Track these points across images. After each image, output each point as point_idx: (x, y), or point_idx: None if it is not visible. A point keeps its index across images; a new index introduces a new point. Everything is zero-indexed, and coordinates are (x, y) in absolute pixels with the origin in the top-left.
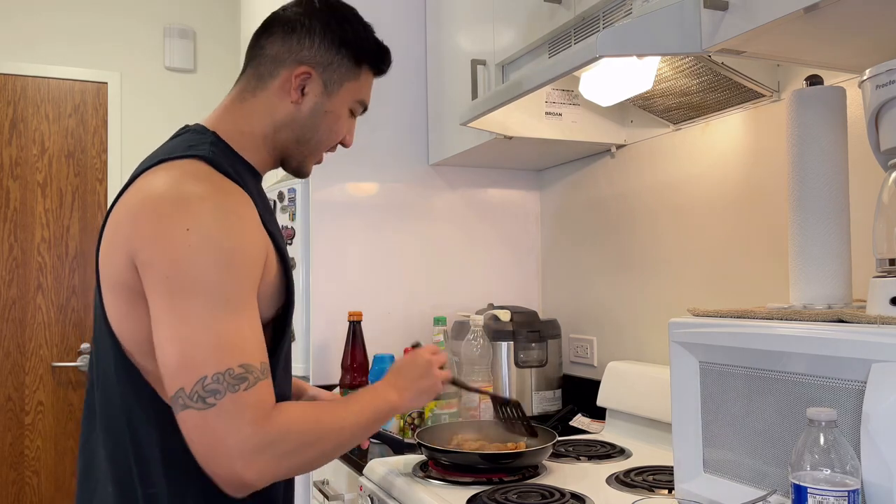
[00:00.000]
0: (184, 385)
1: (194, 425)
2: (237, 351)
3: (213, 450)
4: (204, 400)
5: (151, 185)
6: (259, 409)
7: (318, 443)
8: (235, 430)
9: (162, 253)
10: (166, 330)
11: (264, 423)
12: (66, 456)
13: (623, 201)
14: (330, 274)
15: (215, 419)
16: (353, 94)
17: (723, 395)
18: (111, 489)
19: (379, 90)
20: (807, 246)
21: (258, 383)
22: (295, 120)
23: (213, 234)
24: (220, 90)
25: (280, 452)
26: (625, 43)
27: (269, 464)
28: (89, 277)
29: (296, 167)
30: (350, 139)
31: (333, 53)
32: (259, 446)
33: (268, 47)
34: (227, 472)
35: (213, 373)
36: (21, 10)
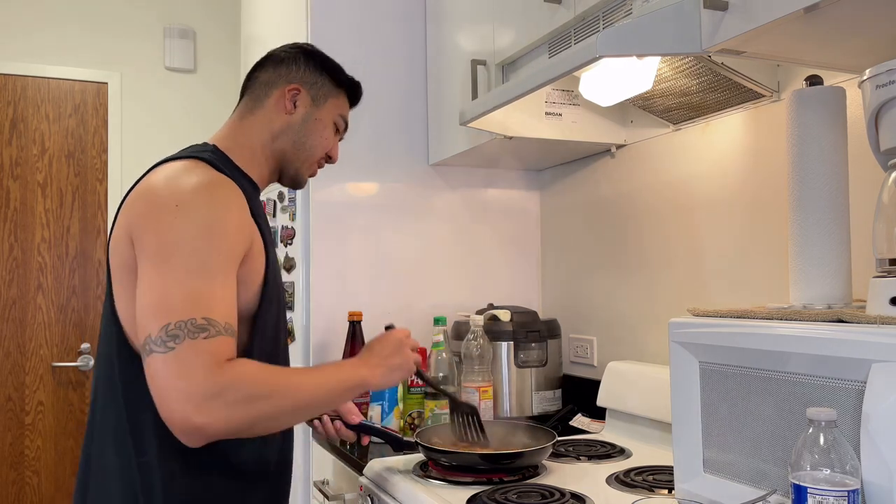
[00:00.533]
0: (151, 332)
1: (155, 369)
2: (203, 306)
3: (167, 392)
4: (165, 344)
5: (151, 179)
6: (214, 356)
7: (272, 397)
8: (188, 374)
9: (151, 226)
10: (146, 287)
11: (217, 369)
12: (67, 456)
13: (623, 201)
14: (330, 274)
15: (172, 362)
16: (337, 109)
17: (723, 395)
18: (112, 458)
19: (379, 90)
20: (807, 246)
21: (219, 336)
22: (290, 127)
23: (199, 208)
24: (220, 90)
25: (230, 400)
26: (625, 43)
27: (219, 410)
28: (89, 277)
29: (293, 175)
30: (336, 154)
31: (317, 75)
32: (210, 392)
33: (261, 76)
34: (178, 416)
35: (177, 320)
36: (21, 10)
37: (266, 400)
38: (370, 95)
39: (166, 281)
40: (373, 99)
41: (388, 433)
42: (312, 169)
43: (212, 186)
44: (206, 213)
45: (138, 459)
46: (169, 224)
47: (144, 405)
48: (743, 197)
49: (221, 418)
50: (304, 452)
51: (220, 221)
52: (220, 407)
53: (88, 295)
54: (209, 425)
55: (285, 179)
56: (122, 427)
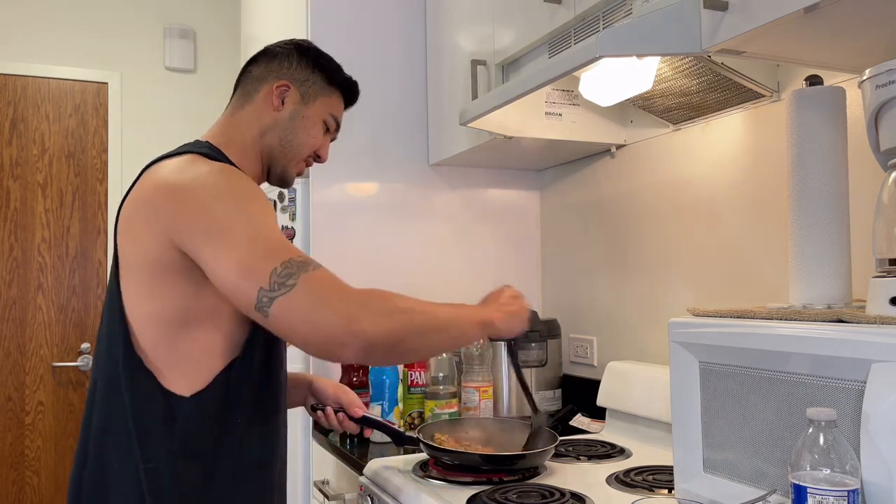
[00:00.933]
0: (261, 285)
1: (287, 309)
2: (290, 249)
3: (313, 318)
4: (284, 284)
5: (160, 174)
6: (336, 280)
7: (413, 312)
8: (323, 298)
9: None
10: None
11: (348, 289)
12: (67, 456)
13: (623, 201)
14: None
15: (302, 294)
16: (327, 108)
17: (723, 395)
18: (116, 465)
19: (379, 90)
20: (807, 246)
21: (322, 267)
22: (278, 123)
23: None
24: (220, 90)
25: (375, 309)
26: (625, 43)
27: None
28: (89, 277)
29: (280, 172)
30: (325, 154)
31: (308, 73)
32: (351, 305)
33: (253, 71)
34: (335, 330)
35: (280, 263)
36: (21, 10)
37: (408, 314)
38: (370, 95)
39: (241, 246)
40: (373, 99)
41: (389, 427)
42: (300, 167)
43: (225, 168)
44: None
45: (146, 466)
46: (213, 208)
47: (151, 412)
48: (743, 197)
49: (373, 325)
50: (305, 452)
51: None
52: (367, 315)
53: (88, 295)
54: (364, 331)
55: (273, 178)
56: (128, 433)
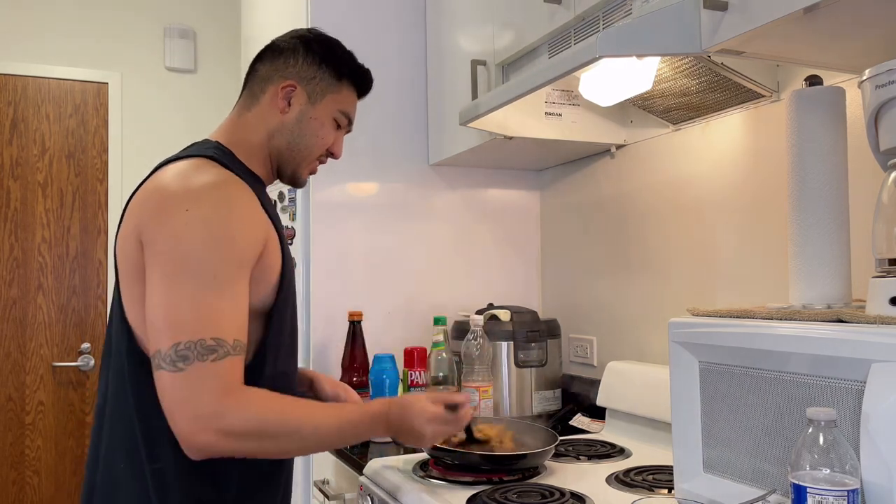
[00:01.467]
0: (161, 347)
1: (164, 385)
2: (213, 325)
3: (176, 410)
4: (175, 364)
5: (159, 178)
6: (222, 380)
7: (278, 437)
8: (196, 396)
9: (162, 231)
10: (155, 297)
11: (224, 396)
12: (67, 456)
13: (623, 201)
14: (330, 274)
15: (182, 382)
16: (336, 105)
17: (723, 395)
18: (122, 465)
19: (380, 90)
20: (806, 246)
21: (227, 357)
22: (284, 126)
23: (210, 215)
24: (220, 90)
25: (236, 429)
26: (625, 43)
27: (222, 436)
28: (89, 277)
29: (290, 174)
30: (338, 150)
31: (315, 69)
32: (215, 416)
33: (260, 70)
34: (183, 433)
35: (187, 340)
36: (22, 10)
37: (272, 439)
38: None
39: (176, 295)
40: (373, 99)
41: None
42: (311, 167)
43: (222, 186)
44: (217, 219)
45: (152, 466)
46: (179, 231)
47: (157, 411)
48: (743, 197)
49: (222, 442)
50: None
51: (230, 227)
52: (224, 433)
53: (89, 295)
54: (212, 445)
55: (284, 178)
56: (134, 433)
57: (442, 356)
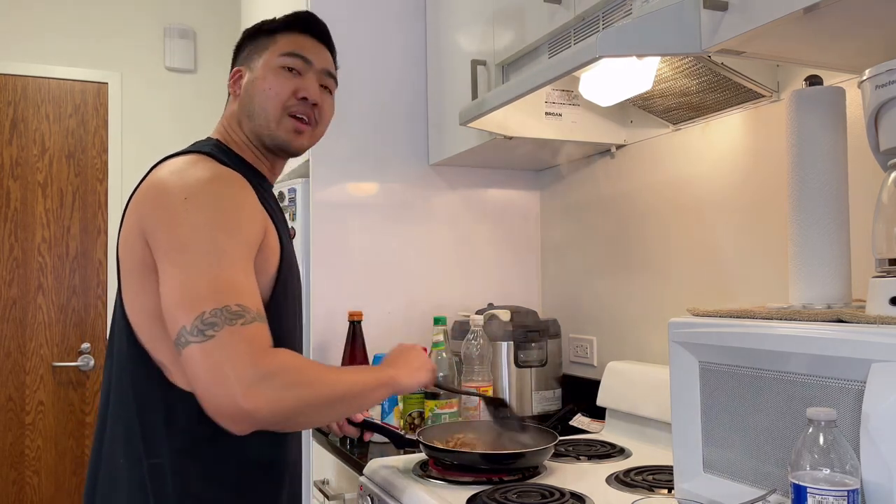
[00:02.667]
0: (185, 323)
1: (196, 359)
2: (233, 292)
3: (214, 380)
4: (203, 333)
5: (157, 174)
6: (256, 343)
7: (314, 386)
8: (233, 361)
9: (163, 221)
10: (169, 281)
11: (262, 356)
12: (67, 455)
13: (623, 201)
14: (330, 274)
15: (214, 350)
16: (275, 54)
17: (723, 395)
18: (122, 461)
19: (380, 90)
20: (806, 246)
21: (254, 322)
22: (241, 104)
23: (209, 200)
24: (220, 90)
25: (276, 385)
26: (625, 43)
27: (266, 395)
28: (89, 277)
29: (272, 142)
30: (306, 92)
31: (251, 47)
32: (256, 376)
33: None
34: (227, 402)
35: (211, 308)
36: (21, 10)
37: (309, 388)
38: (370, 95)
39: (188, 273)
40: (373, 99)
41: (390, 430)
42: (285, 124)
43: (219, 178)
44: (217, 205)
45: (149, 461)
46: (180, 218)
47: (155, 406)
48: (743, 197)
49: (269, 403)
50: (305, 452)
51: (231, 211)
52: (267, 392)
53: (89, 295)
54: (257, 410)
55: (275, 150)
56: (133, 428)
57: (442, 356)
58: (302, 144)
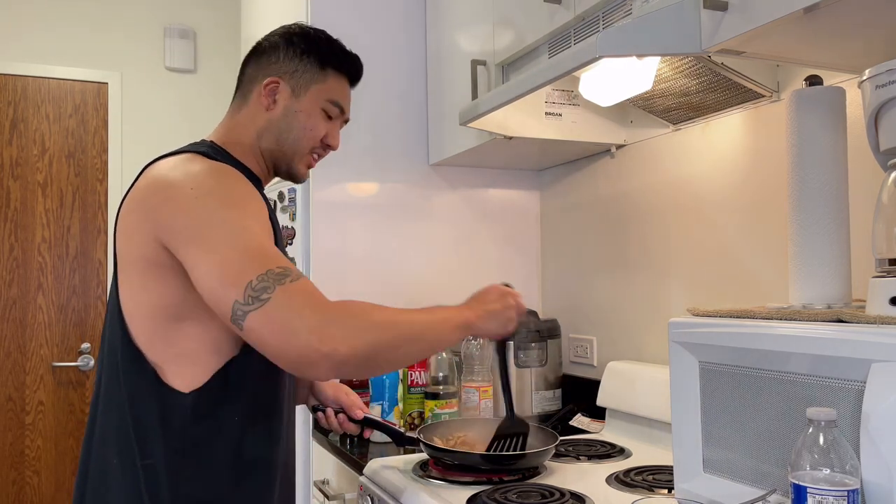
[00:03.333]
0: (236, 297)
1: (261, 325)
2: (269, 257)
3: (285, 337)
4: (258, 298)
5: (156, 171)
6: (313, 295)
7: (387, 324)
8: (298, 313)
9: (177, 211)
10: (202, 265)
11: (324, 302)
12: (67, 456)
13: (623, 201)
14: (330, 274)
15: (276, 308)
16: (323, 95)
17: (722, 395)
18: (115, 461)
19: (380, 90)
20: (806, 246)
21: (301, 279)
22: (271, 123)
23: (214, 188)
24: (220, 90)
25: (349, 325)
26: (625, 43)
27: (341, 335)
28: (89, 277)
29: (286, 170)
30: (334, 141)
31: (297, 62)
32: (325, 320)
33: (247, 71)
34: (305, 352)
35: (257, 275)
36: (21, 11)
37: (382, 327)
38: (370, 95)
39: (220, 251)
40: (373, 99)
41: (390, 427)
42: (306, 161)
43: (218, 170)
44: (224, 190)
45: (142, 461)
46: (194, 205)
47: (149, 407)
48: (743, 197)
49: (345, 341)
50: (305, 452)
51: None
52: (341, 332)
53: (89, 295)
54: (336, 351)
55: (281, 175)
56: (125, 427)
57: (442, 356)
58: (306, 178)
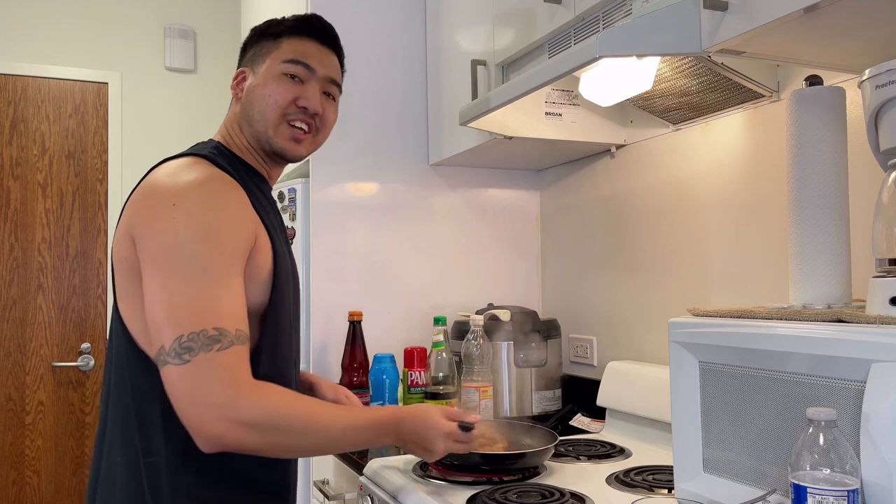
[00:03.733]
0: (164, 343)
1: (172, 379)
2: (211, 314)
3: (187, 402)
4: (180, 356)
5: (152, 177)
6: (231, 371)
7: (290, 433)
8: (206, 387)
9: (151, 227)
10: (152, 294)
11: (234, 385)
12: (67, 456)
13: (623, 201)
14: (330, 274)
15: (190, 374)
16: (278, 59)
17: (722, 395)
18: (119, 459)
19: (380, 90)
20: (807, 246)
21: (232, 347)
22: (243, 109)
23: (197, 209)
24: (220, 90)
25: (242, 419)
26: (625, 43)
27: (235, 426)
28: (89, 277)
29: (271, 149)
30: (308, 102)
31: (256, 47)
32: (224, 405)
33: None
34: (194, 424)
35: (189, 332)
36: (21, 10)
37: (283, 433)
38: (370, 95)
39: (171, 290)
40: (373, 99)
41: None
42: (284, 132)
43: (209, 183)
44: (203, 213)
45: (146, 460)
46: (166, 226)
47: (152, 404)
48: (743, 197)
49: (233, 433)
50: None
51: (217, 221)
52: (235, 422)
53: (89, 295)
54: (224, 436)
55: (274, 155)
56: (131, 426)
57: (442, 356)
58: (300, 152)
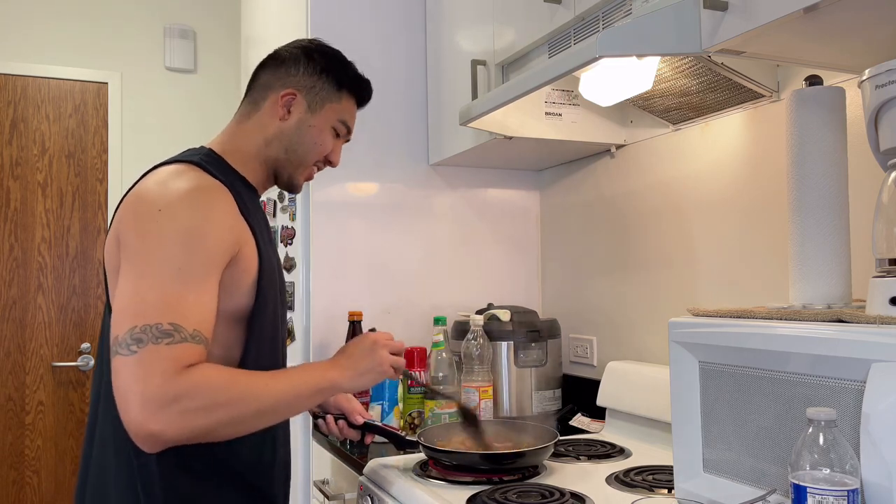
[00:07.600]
0: (118, 333)
1: (117, 370)
2: (172, 311)
3: (125, 396)
4: (129, 347)
5: (143, 184)
6: (174, 363)
7: (231, 404)
8: (146, 379)
9: (134, 229)
10: (122, 286)
11: (175, 376)
12: (67, 456)
13: (623, 201)
14: (330, 274)
15: (132, 366)
16: (336, 114)
17: (723, 395)
18: (111, 459)
19: (380, 90)
20: (806, 246)
21: (183, 343)
22: (283, 133)
23: (181, 213)
24: (220, 90)
25: (186, 407)
26: (625, 43)
27: (174, 417)
28: (89, 277)
29: (287, 180)
30: (336, 158)
31: (315, 79)
32: (165, 398)
33: (261, 78)
34: (133, 421)
35: (143, 324)
36: (21, 10)
37: (225, 407)
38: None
39: (140, 284)
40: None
41: (391, 432)
42: (307, 174)
43: (197, 191)
44: (188, 218)
45: (137, 461)
46: (150, 228)
47: None
48: (742, 197)
49: (176, 426)
50: (304, 452)
51: (200, 227)
52: (175, 414)
53: (88, 295)
54: (163, 432)
55: (280, 184)
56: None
57: (442, 356)
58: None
